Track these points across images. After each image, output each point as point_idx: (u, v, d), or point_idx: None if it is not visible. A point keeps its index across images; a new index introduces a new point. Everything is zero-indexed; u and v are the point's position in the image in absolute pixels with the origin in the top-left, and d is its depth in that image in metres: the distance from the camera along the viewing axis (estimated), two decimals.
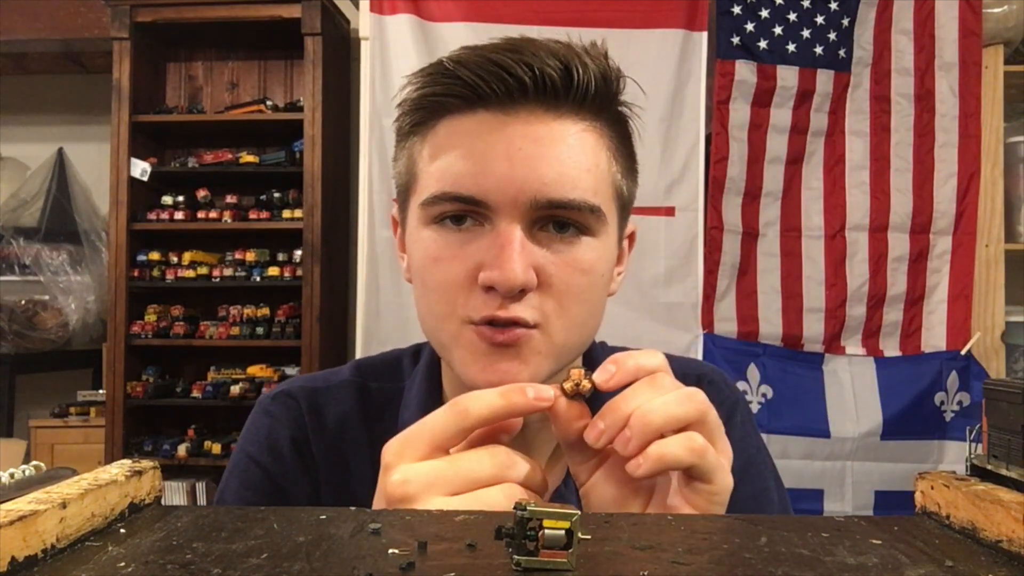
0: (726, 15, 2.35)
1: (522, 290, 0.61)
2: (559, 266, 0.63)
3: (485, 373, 0.62)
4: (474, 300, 0.62)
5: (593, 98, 0.64)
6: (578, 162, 0.63)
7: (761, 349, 2.37)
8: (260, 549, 0.34)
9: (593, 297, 0.66)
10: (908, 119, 2.40)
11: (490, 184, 0.61)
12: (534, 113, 0.63)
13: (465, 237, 0.63)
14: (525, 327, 0.62)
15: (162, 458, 2.62)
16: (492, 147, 0.62)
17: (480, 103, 0.63)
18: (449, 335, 0.64)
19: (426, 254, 0.65)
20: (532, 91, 0.62)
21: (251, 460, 0.75)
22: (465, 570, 0.32)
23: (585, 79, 0.62)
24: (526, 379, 0.62)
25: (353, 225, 2.73)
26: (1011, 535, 0.35)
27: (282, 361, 2.83)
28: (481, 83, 0.62)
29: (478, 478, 0.47)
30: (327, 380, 0.79)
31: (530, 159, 0.61)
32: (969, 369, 2.35)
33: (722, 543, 0.37)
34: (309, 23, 2.69)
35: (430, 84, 0.65)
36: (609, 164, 0.66)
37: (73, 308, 2.99)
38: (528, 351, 0.62)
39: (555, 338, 0.63)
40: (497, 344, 0.62)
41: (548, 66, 0.61)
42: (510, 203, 0.61)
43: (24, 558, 0.31)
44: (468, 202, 0.62)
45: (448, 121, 0.64)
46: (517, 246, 0.60)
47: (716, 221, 2.34)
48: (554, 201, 0.61)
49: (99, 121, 3.01)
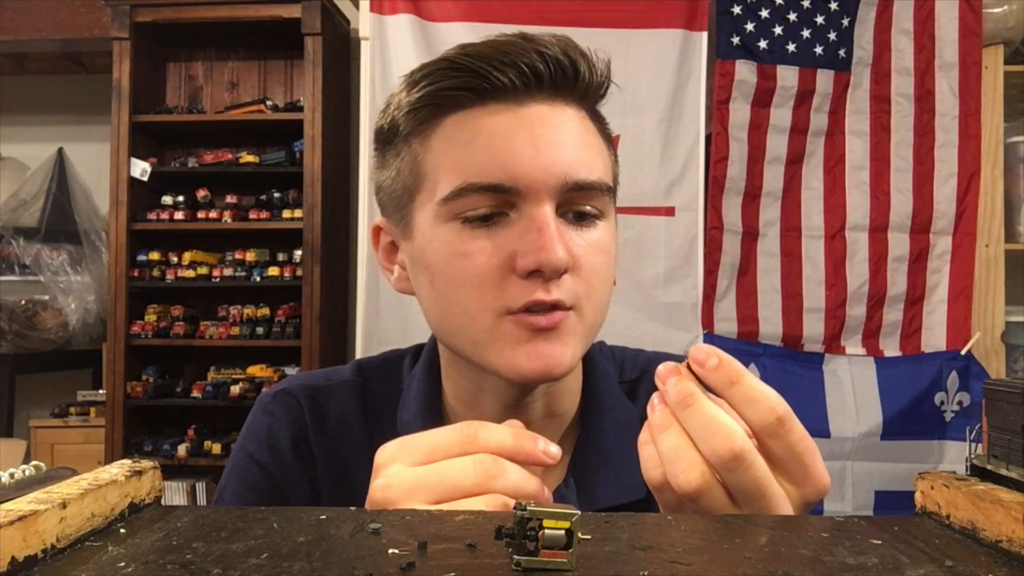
0: (726, 15, 2.35)
1: (564, 271, 0.62)
2: (584, 248, 0.64)
3: (530, 359, 0.62)
4: (512, 289, 0.62)
5: (592, 89, 0.67)
6: (591, 145, 0.66)
7: (761, 349, 2.37)
8: (260, 549, 0.34)
9: (610, 278, 0.68)
10: (908, 119, 2.40)
11: (519, 170, 0.62)
12: (545, 101, 0.64)
13: (491, 230, 0.63)
14: (563, 309, 0.62)
15: (162, 458, 2.62)
16: (514, 134, 0.63)
17: (491, 95, 0.63)
18: (484, 330, 0.63)
19: (450, 250, 0.64)
20: (546, 79, 0.63)
21: (251, 459, 0.75)
22: (465, 570, 0.32)
23: (587, 70, 0.65)
24: (568, 361, 0.63)
25: (353, 225, 2.73)
26: (1011, 535, 0.35)
27: (282, 361, 2.83)
28: (497, 74, 0.62)
29: (461, 487, 0.47)
30: (328, 379, 0.79)
31: (553, 143, 0.63)
32: (969, 369, 2.35)
33: (722, 543, 0.37)
34: (309, 23, 2.69)
35: (437, 80, 0.64)
36: (608, 150, 0.69)
37: (73, 308, 2.99)
38: (567, 333, 0.63)
39: (587, 319, 0.65)
40: (540, 329, 0.62)
41: (558, 56, 0.63)
42: (540, 187, 0.62)
43: (24, 558, 0.31)
44: (496, 190, 0.62)
45: (456, 117, 0.65)
46: (554, 227, 0.61)
47: (716, 221, 2.34)
48: (580, 182, 0.63)
49: (99, 121, 3.01)
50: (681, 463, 0.46)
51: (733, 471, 0.45)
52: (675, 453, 0.46)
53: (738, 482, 0.45)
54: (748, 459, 0.45)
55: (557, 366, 0.63)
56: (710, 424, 0.46)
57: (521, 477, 0.47)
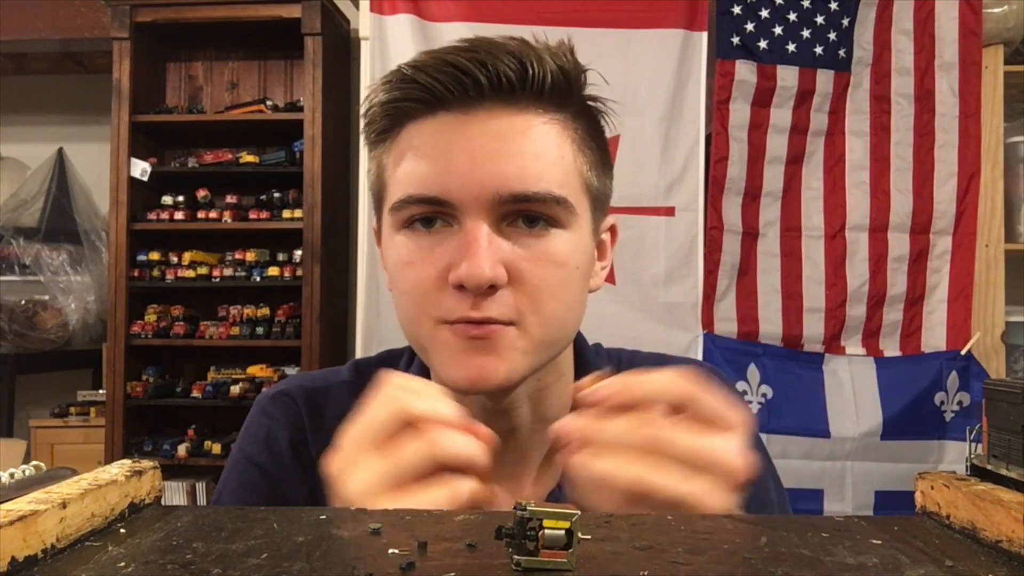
0: (726, 15, 2.35)
1: (492, 287, 0.61)
2: (530, 260, 0.62)
3: (465, 369, 0.62)
4: (447, 301, 0.62)
5: (552, 91, 0.64)
6: (540, 154, 0.63)
7: (761, 349, 2.37)
8: (260, 549, 0.34)
9: (569, 291, 0.65)
10: (908, 119, 2.40)
11: (453, 183, 0.61)
12: (493, 110, 0.63)
13: (435, 240, 0.63)
14: (500, 323, 0.62)
15: (162, 458, 2.62)
16: (453, 146, 0.62)
17: (440, 105, 0.63)
18: (425, 337, 0.65)
19: (399, 259, 0.65)
20: (488, 89, 0.62)
21: (249, 460, 0.75)
22: (465, 570, 0.32)
23: (540, 73, 0.62)
24: (503, 374, 0.62)
25: (353, 225, 2.73)
26: (1011, 535, 0.35)
27: (282, 361, 2.83)
28: (438, 86, 0.62)
29: (414, 468, 0.49)
30: (326, 380, 0.79)
31: (491, 155, 0.62)
32: (969, 369, 2.35)
33: (722, 543, 0.37)
34: (309, 23, 2.69)
35: (390, 91, 0.65)
36: (575, 156, 0.66)
37: (73, 308, 2.99)
38: (504, 347, 0.62)
39: (532, 334, 0.63)
40: (472, 338, 0.62)
41: (502, 62, 0.62)
42: (474, 201, 0.61)
43: (24, 558, 0.31)
44: (433, 203, 0.62)
45: (411, 127, 0.65)
46: (483, 242, 0.60)
47: (716, 221, 2.34)
48: (518, 195, 0.61)
49: (99, 121, 3.01)
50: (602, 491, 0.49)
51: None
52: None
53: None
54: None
55: (489, 379, 0.62)
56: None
57: (461, 441, 0.49)
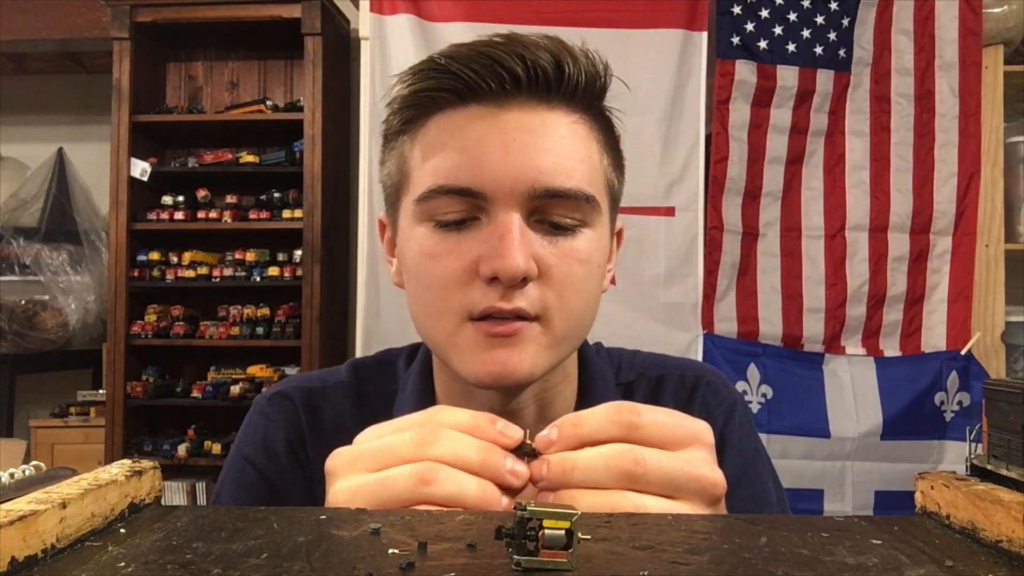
0: (726, 15, 2.35)
1: (524, 280, 0.60)
2: (558, 256, 0.63)
3: (487, 365, 0.62)
4: (473, 293, 0.62)
5: (584, 91, 0.64)
6: (573, 152, 0.63)
7: (761, 349, 2.37)
8: (260, 549, 0.34)
9: (590, 288, 0.66)
10: (908, 119, 2.40)
11: (487, 175, 0.61)
12: (527, 105, 0.63)
13: (462, 234, 0.63)
14: (525, 319, 0.62)
15: (162, 458, 2.62)
16: (487, 138, 0.62)
17: (473, 97, 0.63)
18: (446, 333, 0.64)
19: (421, 251, 0.64)
20: (525, 83, 0.62)
21: (246, 461, 0.75)
22: (465, 570, 0.32)
23: (576, 72, 0.63)
24: (527, 368, 0.62)
25: (353, 225, 2.73)
26: (1011, 535, 0.35)
27: (282, 361, 2.83)
28: (474, 76, 0.62)
29: (400, 498, 0.45)
30: (324, 380, 0.79)
31: (526, 148, 0.62)
32: (969, 369, 2.35)
33: (722, 543, 0.37)
34: (309, 23, 2.69)
35: (421, 80, 0.65)
36: (600, 156, 0.67)
37: (73, 308, 2.99)
38: (527, 342, 0.62)
39: (555, 330, 0.63)
40: (498, 336, 0.61)
41: (540, 58, 0.62)
42: (508, 193, 0.61)
43: (24, 558, 0.31)
44: (465, 194, 0.61)
45: (440, 117, 0.64)
46: (517, 234, 0.60)
47: (716, 221, 2.34)
48: (551, 190, 0.61)
49: (99, 121, 3.01)
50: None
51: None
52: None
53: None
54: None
55: (512, 373, 0.62)
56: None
57: (456, 487, 0.44)
